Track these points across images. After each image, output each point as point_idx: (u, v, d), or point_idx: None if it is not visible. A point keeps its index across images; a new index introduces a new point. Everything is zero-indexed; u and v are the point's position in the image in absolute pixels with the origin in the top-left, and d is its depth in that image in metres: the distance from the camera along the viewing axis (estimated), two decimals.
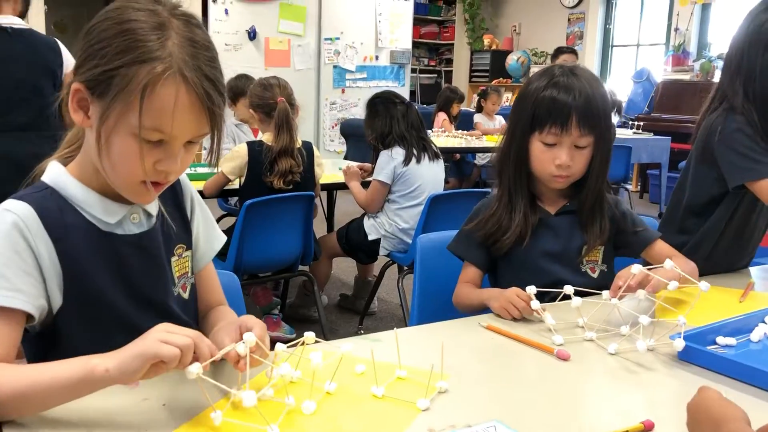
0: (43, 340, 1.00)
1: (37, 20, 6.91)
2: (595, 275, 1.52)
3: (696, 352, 1.13)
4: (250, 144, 2.81)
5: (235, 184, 2.86)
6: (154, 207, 1.07)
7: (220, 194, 2.93)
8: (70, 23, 9.51)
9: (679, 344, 1.12)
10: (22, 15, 3.01)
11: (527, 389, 1.04)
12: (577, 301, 1.27)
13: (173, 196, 1.13)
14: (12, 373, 0.86)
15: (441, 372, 1.01)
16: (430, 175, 3.12)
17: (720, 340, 1.21)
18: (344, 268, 4.15)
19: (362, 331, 3.13)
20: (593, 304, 1.29)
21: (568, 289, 1.31)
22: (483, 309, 1.45)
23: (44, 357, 1.00)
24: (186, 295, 1.12)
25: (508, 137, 1.52)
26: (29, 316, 0.94)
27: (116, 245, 1.01)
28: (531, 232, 1.48)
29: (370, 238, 3.12)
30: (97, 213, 1.00)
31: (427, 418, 0.92)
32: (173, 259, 1.10)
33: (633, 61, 8.45)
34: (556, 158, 1.42)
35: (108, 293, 1.00)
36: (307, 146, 2.92)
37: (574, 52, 5.47)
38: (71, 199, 0.99)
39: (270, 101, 2.81)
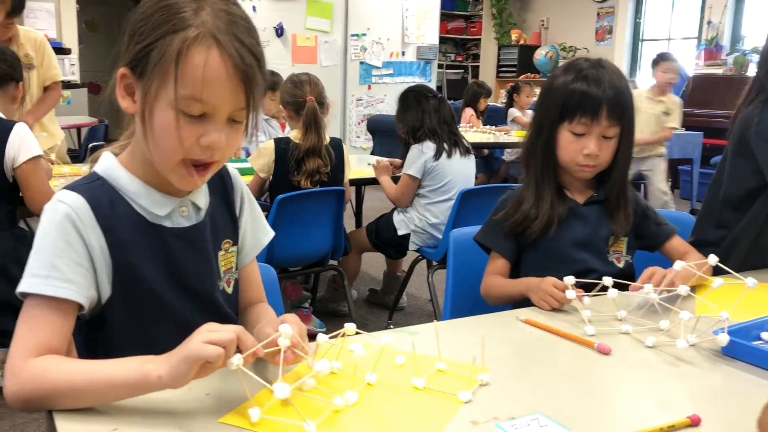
0: (91, 328, 1.01)
1: (69, 19, 7.02)
2: (621, 265, 1.53)
3: (740, 347, 1.11)
4: (276, 141, 2.81)
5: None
6: (203, 200, 1.07)
7: (260, 194, 2.92)
8: (101, 22, 9.63)
9: (724, 339, 1.10)
10: (14, 14, 2.95)
11: (569, 382, 1.03)
12: (613, 292, 1.26)
13: (223, 190, 1.13)
14: (69, 368, 0.88)
15: (482, 364, 1.01)
16: (461, 170, 3.11)
17: (765, 335, 1.19)
18: (373, 264, 4.15)
19: (392, 326, 3.13)
20: (630, 297, 1.28)
21: (607, 281, 1.31)
22: (513, 301, 1.45)
23: (92, 344, 1.02)
24: (230, 290, 1.13)
25: (535, 129, 1.54)
26: (79, 306, 0.95)
27: (165, 237, 1.02)
28: (559, 221, 1.49)
29: (399, 233, 3.12)
30: (146, 204, 1.00)
31: (470, 410, 0.92)
32: (220, 253, 1.10)
33: None
34: (584, 148, 1.45)
35: (155, 284, 1.01)
36: (336, 143, 2.91)
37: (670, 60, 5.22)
38: (122, 190, 1.00)
39: (300, 99, 2.81)
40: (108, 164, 1.02)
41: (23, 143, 2.22)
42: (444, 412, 0.90)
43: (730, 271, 1.31)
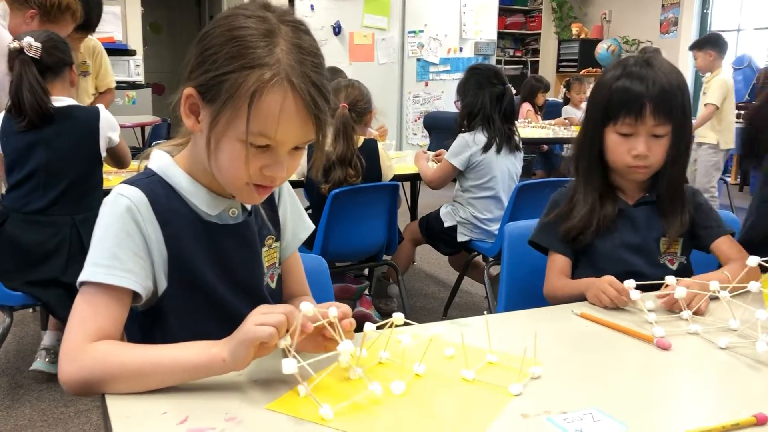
0: (144, 320, 1.04)
1: (134, 21, 7.25)
2: (674, 267, 1.47)
3: None
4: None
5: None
6: None
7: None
8: (165, 24, 9.91)
9: None
10: (88, 28, 3.02)
11: (625, 378, 0.99)
12: (681, 291, 1.20)
13: None
14: (132, 351, 0.91)
15: (534, 358, 0.98)
16: (507, 167, 3.03)
17: None
18: (429, 259, 4.14)
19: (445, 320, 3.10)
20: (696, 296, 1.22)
21: (670, 280, 1.25)
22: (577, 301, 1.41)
23: (148, 335, 1.04)
24: (273, 285, 1.16)
25: (584, 129, 1.51)
26: (137, 296, 0.97)
27: (216, 233, 1.04)
28: (607, 223, 1.45)
29: (446, 225, 3.08)
30: (199, 204, 1.03)
31: (520, 403, 0.89)
32: (263, 249, 1.13)
33: (733, 46, 8.00)
34: (632, 149, 1.40)
35: (208, 278, 1.03)
36: (370, 145, 2.82)
37: None
38: (177, 187, 1.03)
39: (334, 106, 2.77)
40: (163, 162, 1.05)
41: (112, 123, 2.38)
42: (493, 405, 0.88)
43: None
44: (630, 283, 1.24)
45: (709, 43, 5.01)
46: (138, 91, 6.98)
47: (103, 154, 2.36)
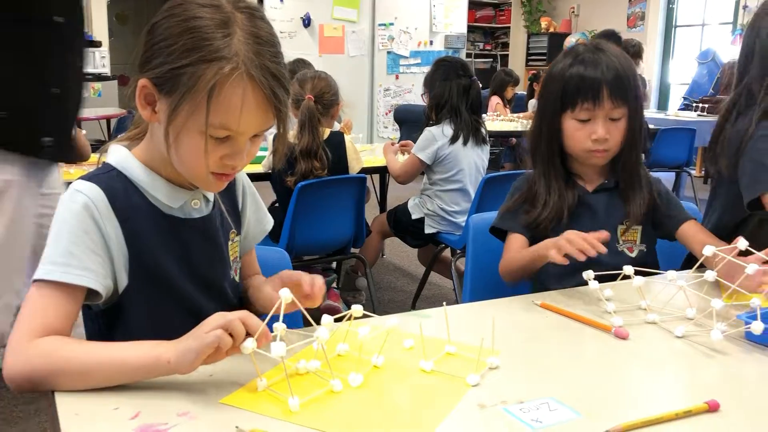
0: (105, 318, 1.02)
1: (99, 11, 7.12)
2: (633, 255, 1.48)
3: (764, 332, 1.06)
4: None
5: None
6: (211, 193, 1.09)
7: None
8: (131, 15, 9.75)
9: (758, 327, 1.04)
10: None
11: (583, 367, 1.00)
12: (639, 280, 1.21)
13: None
14: (79, 347, 0.89)
15: (492, 348, 0.98)
16: (474, 160, 3.04)
17: None
18: (398, 253, 4.14)
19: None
20: (652, 284, 1.23)
21: (628, 270, 1.26)
22: (532, 271, 1.42)
23: (106, 334, 1.02)
24: (237, 278, 1.16)
25: (538, 121, 1.51)
26: (96, 295, 0.95)
27: (178, 228, 1.03)
28: (569, 211, 1.45)
29: (413, 217, 3.09)
30: (160, 197, 1.02)
31: (478, 393, 0.89)
32: (228, 243, 1.12)
33: (698, 41, 8.13)
34: (592, 133, 1.41)
35: (170, 273, 1.02)
36: (337, 138, 2.81)
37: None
38: (136, 181, 1.01)
39: (300, 97, 2.72)
40: (121, 156, 1.03)
41: None
42: (450, 396, 0.88)
43: (762, 255, 1.23)
44: (588, 274, 1.24)
45: (611, 40, 5.17)
46: (103, 83, 6.87)
47: None
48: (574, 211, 1.46)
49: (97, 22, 7.10)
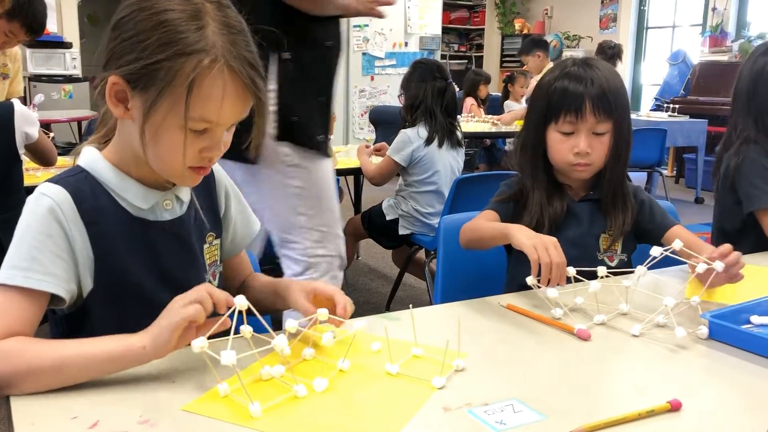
0: (69, 322, 1.00)
1: (70, 12, 7.01)
2: (613, 264, 1.49)
3: (728, 330, 1.08)
4: None
5: None
6: (185, 193, 1.07)
7: None
8: (103, 15, 9.63)
9: (703, 330, 1.07)
10: (38, 30, 2.73)
11: (547, 369, 1.00)
12: (595, 285, 1.21)
13: (205, 184, 1.13)
14: (46, 346, 0.87)
15: (458, 350, 0.98)
16: (449, 162, 3.05)
17: (755, 319, 1.16)
18: (373, 254, 4.14)
19: None
20: (611, 289, 1.23)
21: (602, 271, 1.26)
22: (489, 244, 1.43)
23: (74, 331, 1.00)
24: (215, 283, 1.13)
25: (525, 131, 1.52)
26: (60, 299, 0.94)
27: (148, 230, 1.02)
28: (557, 219, 1.46)
29: (387, 218, 3.08)
30: (129, 198, 1.00)
31: (443, 396, 0.89)
32: (205, 246, 1.11)
33: (669, 43, 8.25)
34: (574, 146, 1.42)
35: (138, 277, 1.00)
36: None
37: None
38: (105, 183, 1.00)
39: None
40: (91, 158, 1.01)
41: (29, 118, 2.23)
42: (415, 399, 0.88)
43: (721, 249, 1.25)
44: (570, 270, 1.24)
45: (537, 46, 5.48)
46: (75, 85, 6.77)
47: (21, 150, 2.23)
48: (563, 218, 1.47)
49: (68, 22, 6.99)
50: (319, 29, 1.84)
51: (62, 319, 1.01)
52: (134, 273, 1.00)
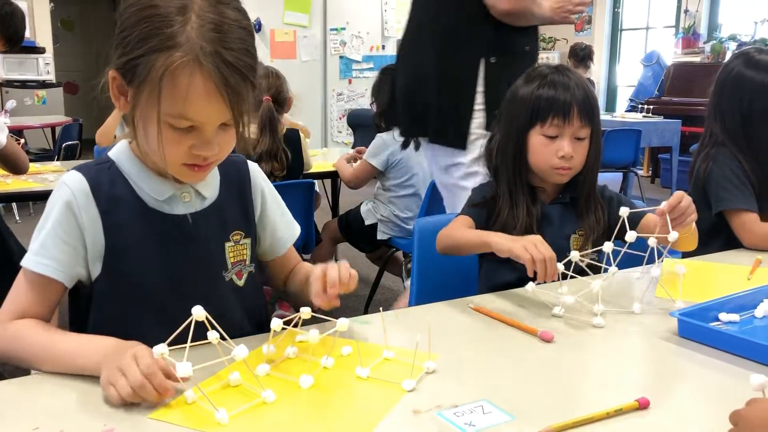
0: (80, 305, 1.05)
1: (42, 17, 6.93)
2: (583, 264, 1.48)
3: (696, 328, 1.09)
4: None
5: None
6: (208, 189, 1.08)
7: None
8: (77, 20, 9.52)
9: (672, 322, 1.08)
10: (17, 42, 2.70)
11: (517, 369, 1.00)
12: (530, 286, 1.23)
13: (238, 182, 1.14)
14: (39, 338, 0.95)
15: (428, 352, 0.98)
16: (426, 165, 3.05)
17: (723, 316, 1.17)
18: (350, 257, 4.12)
19: None
20: (586, 283, 1.24)
21: (575, 256, 1.27)
22: (470, 251, 1.44)
23: (80, 320, 1.06)
24: (241, 283, 1.12)
25: (503, 138, 1.51)
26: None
27: (158, 222, 1.03)
28: (534, 223, 1.46)
29: (366, 222, 3.08)
30: (146, 188, 1.03)
31: (413, 398, 0.88)
32: (228, 244, 1.10)
33: (642, 44, 8.34)
34: (558, 150, 1.43)
35: (144, 267, 1.02)
36: (293, 135, 2.79)
37: None
38: (126, 174, 1.03)
39: (257, 98, 2.70)
40: (119, 149, 1.06)
41: None
42: (385, 402, 0.87)
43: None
44: (559, 267, 1.24)
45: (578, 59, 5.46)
46: (48, 91, 6.69)
47: None
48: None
49: (41, 27, 6.91)
50: (519, 36, 2.03)
51: (80, 296, 1.05)
52: (139, 261, 1.02)
